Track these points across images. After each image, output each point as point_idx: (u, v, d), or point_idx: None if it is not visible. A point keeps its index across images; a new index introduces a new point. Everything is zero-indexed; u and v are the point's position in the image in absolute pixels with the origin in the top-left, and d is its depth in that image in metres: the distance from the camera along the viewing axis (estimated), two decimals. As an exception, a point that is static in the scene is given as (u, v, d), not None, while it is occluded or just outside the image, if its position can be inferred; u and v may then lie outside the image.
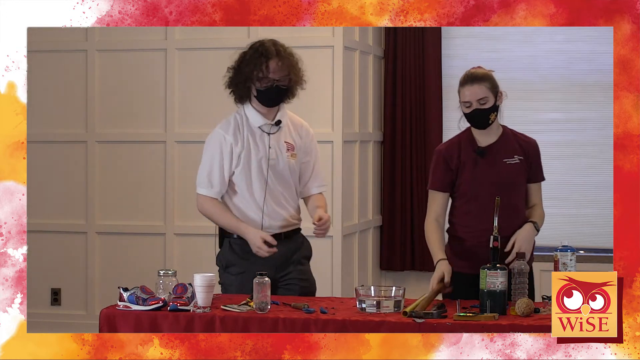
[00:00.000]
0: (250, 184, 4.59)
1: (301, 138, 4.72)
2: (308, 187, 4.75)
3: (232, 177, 4.60)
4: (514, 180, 4.39)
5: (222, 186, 4.61)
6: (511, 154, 4.42)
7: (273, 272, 4.51)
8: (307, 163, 4.74)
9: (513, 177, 4.39)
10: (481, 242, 4.22)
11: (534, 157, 4.46)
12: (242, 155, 4.59)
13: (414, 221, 7.31)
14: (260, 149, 4.60)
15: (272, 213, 4.60)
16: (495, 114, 4.37)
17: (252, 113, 4.63)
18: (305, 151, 4.74)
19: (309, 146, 4.76)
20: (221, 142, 4.60)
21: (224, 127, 4.64)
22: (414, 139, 7.30)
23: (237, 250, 4.59)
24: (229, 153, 4.59)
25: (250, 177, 4.59)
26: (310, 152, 4.76)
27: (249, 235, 4.52)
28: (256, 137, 4.62)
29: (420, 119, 7.29)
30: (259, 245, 4.49)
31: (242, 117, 4.64)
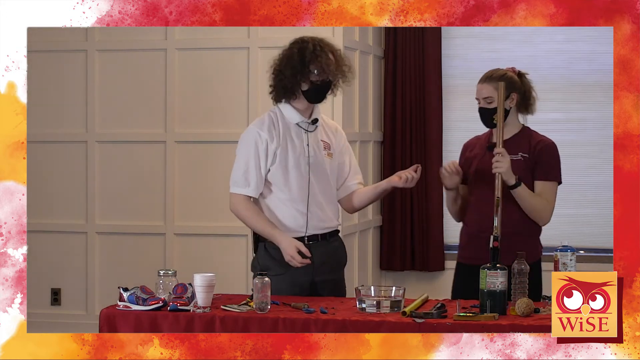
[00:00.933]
0: (288, 183, 4.50)
1: (335, 138, 4.67)
2: (348, 184, 4.68)
3: (267, 176, 4.50)
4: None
5: (259, 184, 4.48)
6: (516, 151, 4.51)
7: (311, 276, 4.48)
8: (343, 163, 4.67)
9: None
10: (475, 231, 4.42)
11: (541, 156, 4.52)
12: (278, 152, 4.48)
13: (414, 221, 7.31)
14: (297, 146, 4.51)
15: (311, 213, 4.53)
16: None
17: (289, 110, 4.54)
18: (341, 151, 4.67)
19: (344, 145, 4.70)
20: (256, 139, 4.48)
21: (258, 124, 4.53)
22: (414, 139, 7.30)
23: (274, 254, 4.49)
24: (264, 150, 4.47)
25: (288, 175, 4.50)
26: (346, 152, 4.69)
27: (283, 244, 4.43)
28: (293, 134, 4.53)
29: (420, 119, 7.29)
30: (293, 254, 4.40)
31: (277, 115, 4.55)
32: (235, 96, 6.75)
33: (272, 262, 4.48)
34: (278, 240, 4.45)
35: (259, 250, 4.56)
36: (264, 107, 6.73)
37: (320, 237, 4.55)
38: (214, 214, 6.77)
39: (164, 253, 6.90)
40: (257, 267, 4.51)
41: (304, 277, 4.48)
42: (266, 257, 4.51)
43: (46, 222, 7.04)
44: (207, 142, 6.83)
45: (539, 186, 4.51)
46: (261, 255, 4.54)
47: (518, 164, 4.48)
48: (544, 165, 4.51)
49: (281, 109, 4.56)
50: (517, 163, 4.47)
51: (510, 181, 4.40)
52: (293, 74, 4.45)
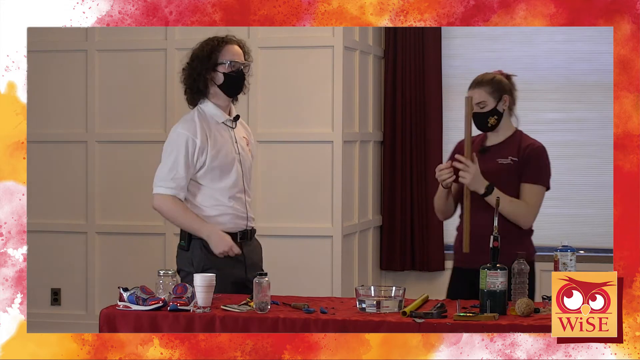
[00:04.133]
0: (226, 179, 4.51)
1: (249, 133, 4.74)
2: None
3: (197, 175, 4.50)
4: (501, 179, 4.45)
5: (185, 183, 4.47)
6: (507, 155, 4.52)
7: (244, 273, 4.51)
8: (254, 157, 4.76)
9: (501, 177, 4.46)
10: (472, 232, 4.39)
11: (529, 159, 4.50)
12: (208, 151, 4.47)
13: (414, 221, 7.31)
14: (227, 143, 4.53)
15: (248, 210, 4.58)
16: (495, 117, 4.50)
17: (212, 108, 4.56)
18: (254, 146, 4.78)
19: (254, 141, 4.82)
20: (186, 138, 4.47)
21: (188, 125, 4.51)
22: (414, 139, 7.30)
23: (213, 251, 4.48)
24: (193, 152, 4.46)
25: (225, 172, 4.51)
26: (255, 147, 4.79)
27: (214, 236, 4.42)
28: (221, 131, 4.54)
29: (420, 119, 7.29)
30: (231, 244, 4.41)
31: (203, 114, 4.56)
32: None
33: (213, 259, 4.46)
34: (208, 233, 4.43)
35: (194, 247, 4.50)
36: (263, 107, 6.73)
37: (250, 233, 4.60)
38: (214, 214, 6.77)
39: (164, 253, 6.90)
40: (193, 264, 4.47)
41: (238, 273, 4.51)
42: (204, 254, 4.47)
43: (46, 222, 7.05)
44: (207, 142, 6.83)
45: (524, 189, 4.48)
46: (197, 253, 4.49)
47: (509, 167, 4.48)
48: (531, 168, 4.49)
49: (203, 108, 4.57)
50: (508, 167, 4.48)
51: (480, 190, 4.40)
52: (205, 68, 4.49)
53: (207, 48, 4.51)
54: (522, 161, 4.50)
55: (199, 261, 4.47)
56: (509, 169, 4.48)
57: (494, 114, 4.52)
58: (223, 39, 4.53)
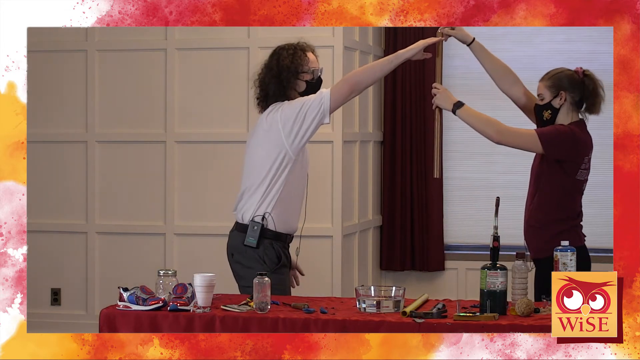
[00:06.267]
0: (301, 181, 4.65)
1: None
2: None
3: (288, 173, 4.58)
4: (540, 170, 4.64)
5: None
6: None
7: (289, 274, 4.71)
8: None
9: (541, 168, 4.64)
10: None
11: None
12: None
13: (414, 221, 7.31)
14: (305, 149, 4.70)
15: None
16: (549, 111, 4.63)
17: None
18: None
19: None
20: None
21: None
22: (414, 139, 7.30)
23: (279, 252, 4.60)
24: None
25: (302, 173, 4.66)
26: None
27: (411, 50, 4.67)
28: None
29: (420, 119, 7.29)
30: (427, 40, 4.71)
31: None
32: (235, 96, 6.75)
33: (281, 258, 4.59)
34: (403, 52, 4.65)
35: (264, 246, 4.57)
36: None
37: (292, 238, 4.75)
38: (214, 214, 6.77)
39: (164, 253, 6.90)
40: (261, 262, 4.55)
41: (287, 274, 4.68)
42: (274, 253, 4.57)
43: (46, 222, 7.04)
44: (207, 142, 6.83)
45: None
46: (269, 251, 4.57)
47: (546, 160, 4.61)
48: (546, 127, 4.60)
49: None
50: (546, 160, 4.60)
51: (448, 107, 4.61)
52: (292, 77, 4.58)
53: (292, 58, 4.60)
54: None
55: (272, 258, 4.57)
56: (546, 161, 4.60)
57: (548, 108, 4.63)
58: (302, 47, 4.65)
